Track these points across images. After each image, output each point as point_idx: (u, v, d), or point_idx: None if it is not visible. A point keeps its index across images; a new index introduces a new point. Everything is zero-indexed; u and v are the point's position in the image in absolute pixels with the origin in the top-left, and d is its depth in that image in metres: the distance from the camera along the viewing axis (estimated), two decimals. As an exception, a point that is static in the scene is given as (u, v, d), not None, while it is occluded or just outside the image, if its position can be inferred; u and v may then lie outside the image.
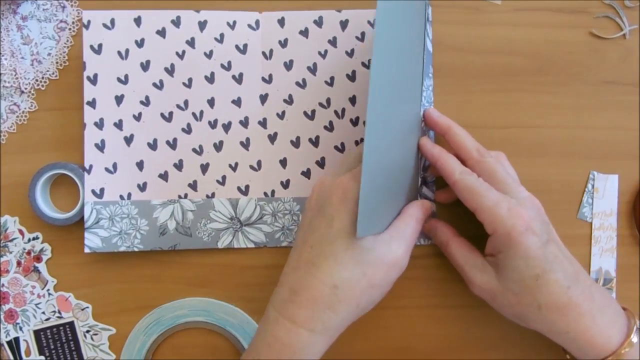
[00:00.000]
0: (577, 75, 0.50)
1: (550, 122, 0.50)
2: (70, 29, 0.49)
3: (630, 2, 0.50)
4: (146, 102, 0.49)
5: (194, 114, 0.49)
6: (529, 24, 0.50)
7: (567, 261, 0.41)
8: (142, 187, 0.48)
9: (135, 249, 0.48)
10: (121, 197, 0.48)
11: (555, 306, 0.39)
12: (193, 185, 0.49)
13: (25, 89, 0.49)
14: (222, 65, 0.49)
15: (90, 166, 0.48)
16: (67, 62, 0.50)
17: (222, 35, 0.49)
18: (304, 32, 0.49)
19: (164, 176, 0.49)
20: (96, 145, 0.48)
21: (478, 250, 0.44)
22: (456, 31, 0.49)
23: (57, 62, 0.49)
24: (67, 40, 0.49)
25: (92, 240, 0.47)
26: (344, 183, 0.39)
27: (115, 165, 0.48)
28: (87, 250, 0.47)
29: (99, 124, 0.48)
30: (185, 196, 0.48)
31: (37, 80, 0.49)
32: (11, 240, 0.49)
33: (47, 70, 0.49)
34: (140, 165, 0.48)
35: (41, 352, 0.49)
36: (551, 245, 0.40)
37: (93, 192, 0.48)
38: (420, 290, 0.49)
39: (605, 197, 0.50)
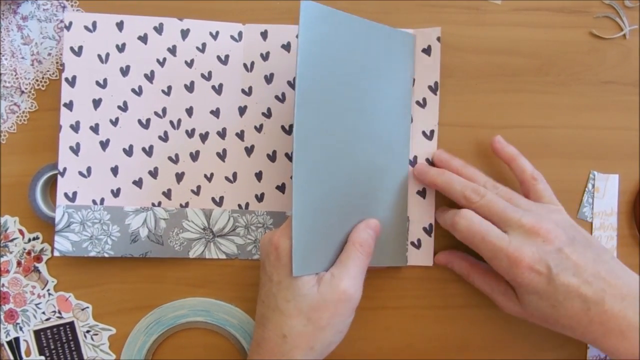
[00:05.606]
0: (577, 75, 0.50)
1: (550, 122, 0.50)
2: (70, 29, 0.50)
3: (630, 2, 0.50)
4: (124, 108, 0.48)
5: (171, 122, 0.48)
6: (529, 24, 0.50)
7: (586, 283, 0.39)
8: (116, 193, 0.48)
9: (106, 255, 0.47)
10: (94, 201, 0.48)
11: (578, 325, 0.40)
12: (167, 194, 0.48)
13: (26, 89, 0.49)
14: (203, 75, 0.49)
15: (65, 169, 0.48)
16: (67, 62, 0.50)
17: (204, 44, 0.49)
18: (286, 46, 0.49)
19: (138, 183, 0.48)
20: (71, 148, 0.48)
21: (499, 276, 0.43)
22: (456, 31, 0.49)
23: (57, 62, 0.49)
24: (67, 41, 0.50)
25: (62, 244, 0.47)
26: (275, 240, 0.41)
27: (89, 170, 0.48)
28: (56, 253, 0.47)
29: (75, 127, 0.48)
30: (159, 204, 0.48)
31: (37, 80, 0.49)
32: (11, 240, 0.49)
33: (48, 70, 0.49)
34: (114, 170, 0.48)
35: (41, 352, 0.49)
36: (562, 276, 0.39)
37: (65, 195, 0.47)
38: (420, 290, 0.49)
39: (605, 197, 0.50)
